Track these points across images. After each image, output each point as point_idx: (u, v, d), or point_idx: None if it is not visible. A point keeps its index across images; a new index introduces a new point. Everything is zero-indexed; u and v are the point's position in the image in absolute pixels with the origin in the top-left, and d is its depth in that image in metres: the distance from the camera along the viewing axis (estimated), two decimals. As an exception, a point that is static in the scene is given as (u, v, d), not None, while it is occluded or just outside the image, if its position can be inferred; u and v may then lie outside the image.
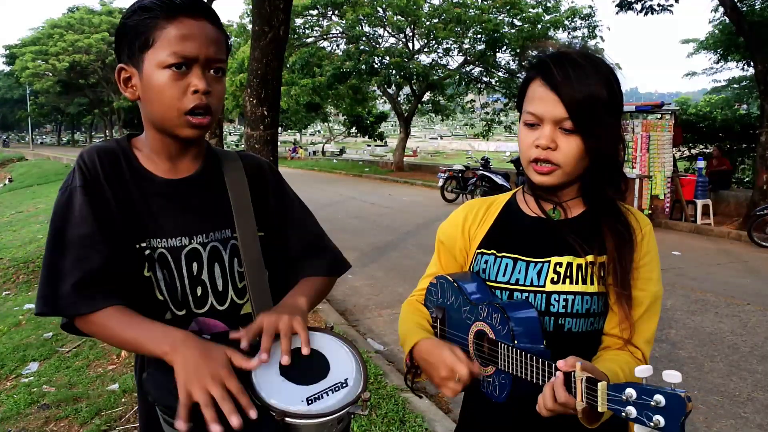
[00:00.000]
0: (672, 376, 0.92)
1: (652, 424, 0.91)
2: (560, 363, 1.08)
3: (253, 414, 1.05)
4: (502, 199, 1.50)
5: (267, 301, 1.38)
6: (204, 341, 1.16)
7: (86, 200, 1.24)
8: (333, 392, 1.14)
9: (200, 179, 1.38)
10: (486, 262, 1.41)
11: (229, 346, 1.16)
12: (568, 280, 1.31)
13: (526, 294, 1.33)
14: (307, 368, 1.18)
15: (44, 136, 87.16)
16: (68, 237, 1.23)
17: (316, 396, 1.12)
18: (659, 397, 0.91)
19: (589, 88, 1.23)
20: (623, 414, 0.95)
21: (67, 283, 1.20)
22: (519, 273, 1.35)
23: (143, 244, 1.29)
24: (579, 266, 1.31)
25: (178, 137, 1.30)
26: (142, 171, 1.33)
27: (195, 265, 1.34)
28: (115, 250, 1.24)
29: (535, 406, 1.13)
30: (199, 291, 1.34)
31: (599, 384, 0.99)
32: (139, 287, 1.28)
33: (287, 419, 1.08)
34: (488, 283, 1.38)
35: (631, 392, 0.95)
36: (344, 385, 1.16)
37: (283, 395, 1.11)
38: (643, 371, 0.97)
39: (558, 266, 1.32)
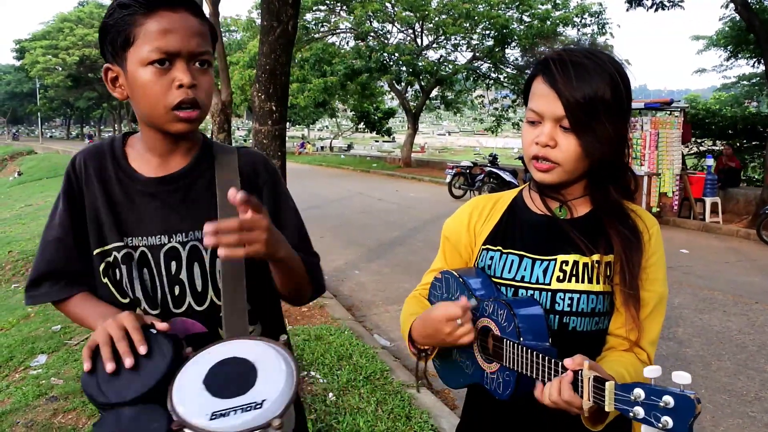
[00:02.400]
0: (681, 377, 0.91)
1: (660, 425, 0.90)
2: (567, 361, 1.07)
3: (142, 350, 1.11)
4: (509, 196, 1.50)
5: (241, 304, 1.31)
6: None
7: (65, 207, 1.36)
8: (242, 412, 1.04)
9: (187, 176, 1.35)
10: (491, 258, 1.40)
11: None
12: (573, 279, 1.30)
13: (532, 291, 1.32)
14: (231, 380, 1.10)
15: (53, 130, 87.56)
16: (45, 238, 1.38)
17: (223, 412, 1.04)
18: (668, 398, 0.90)
19: (589, 87, 1.21)
20: (631, 414, 0.94)
21: (38, 277, 1.38)
22: (525, 270, 1.35)
23: (120, 243, 1.32)
24: (585, 265, 1.30)
25: (169, 132, 1.28)
26: (128, 170, 1.34)
27: (174, 264, 1.32)
28: (81, 253, 1.35)
29: (539, 404, 1.13)
30: (177, 290, 1.32)
31: (607, 383, 0.98)
32: (101, 290, 1.36)
33: (185, 430, 1.03)
34: (493, 279, 1.38)
35: (639, 392, 0.93)
36: (258, 406, 1.05)
37: (194, 405, 1.05)
38: (651, 371, 0.96)
39: (564, 264, 1.31)
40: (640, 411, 0.93)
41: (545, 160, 1.28)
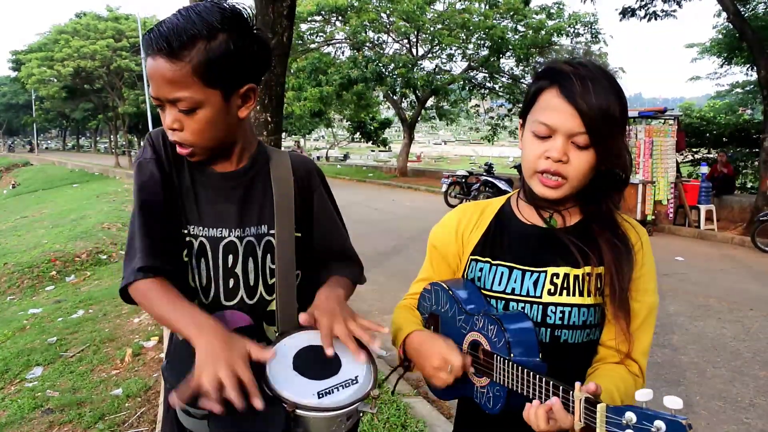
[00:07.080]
0: (673, 402, 0.91)
1: None
2: (580, 386, 1.05)
3: (258, 404, 1.08)
4: (496, 203, 1.48)
5: (292, 300, 1.41)
6: (228, 332, 1.19)
7: (158, 171, 1.34)
8: (343, 388, 1.19)
9: (246, 174, 1.42)
10: (481, 270, 1.38)
11: (251, 340, 1.20)
12: (565, 292, 1.29)
13: (522, 304, 1.31)
14: (318, 364, 1.23)
15: (49, 141, 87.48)
16: (140, 202, 1.31)
17: (327, 390, 1.17)
18: (660, 423, 0.89)
19: (605, 102, 1.20)
20: None
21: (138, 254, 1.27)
22: (515, 282, 1.33)
23: (184, 231, 1.36)
24: (576, 277, 1.29)
25: None
26: (202, 163, 1.39)
27: (231, 257, 1.38)
28: (172, 223, 1.34)
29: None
30: (231, 283, 1.38)
31: (599, 406, 0.98)
32: (177, 271, 1.34)
33: (298, 411, 1.12)
34: (483, 291, 1.36)
35: (631, 416, 0.94)
36: (354, 381, 1.21)
37: (296, 388, 1.16)
38: (643, 395, 0.95)
39: (555, 277, 1.30)
40: None
41: (555, 176, 1.25)
